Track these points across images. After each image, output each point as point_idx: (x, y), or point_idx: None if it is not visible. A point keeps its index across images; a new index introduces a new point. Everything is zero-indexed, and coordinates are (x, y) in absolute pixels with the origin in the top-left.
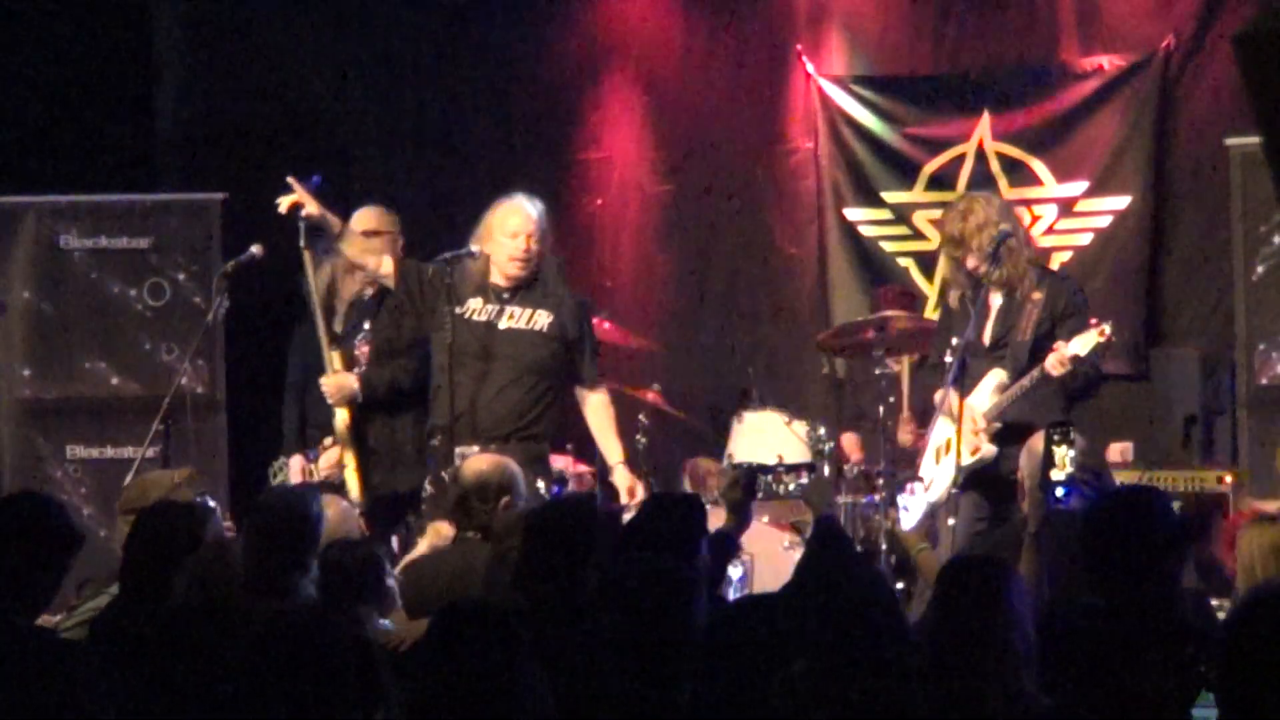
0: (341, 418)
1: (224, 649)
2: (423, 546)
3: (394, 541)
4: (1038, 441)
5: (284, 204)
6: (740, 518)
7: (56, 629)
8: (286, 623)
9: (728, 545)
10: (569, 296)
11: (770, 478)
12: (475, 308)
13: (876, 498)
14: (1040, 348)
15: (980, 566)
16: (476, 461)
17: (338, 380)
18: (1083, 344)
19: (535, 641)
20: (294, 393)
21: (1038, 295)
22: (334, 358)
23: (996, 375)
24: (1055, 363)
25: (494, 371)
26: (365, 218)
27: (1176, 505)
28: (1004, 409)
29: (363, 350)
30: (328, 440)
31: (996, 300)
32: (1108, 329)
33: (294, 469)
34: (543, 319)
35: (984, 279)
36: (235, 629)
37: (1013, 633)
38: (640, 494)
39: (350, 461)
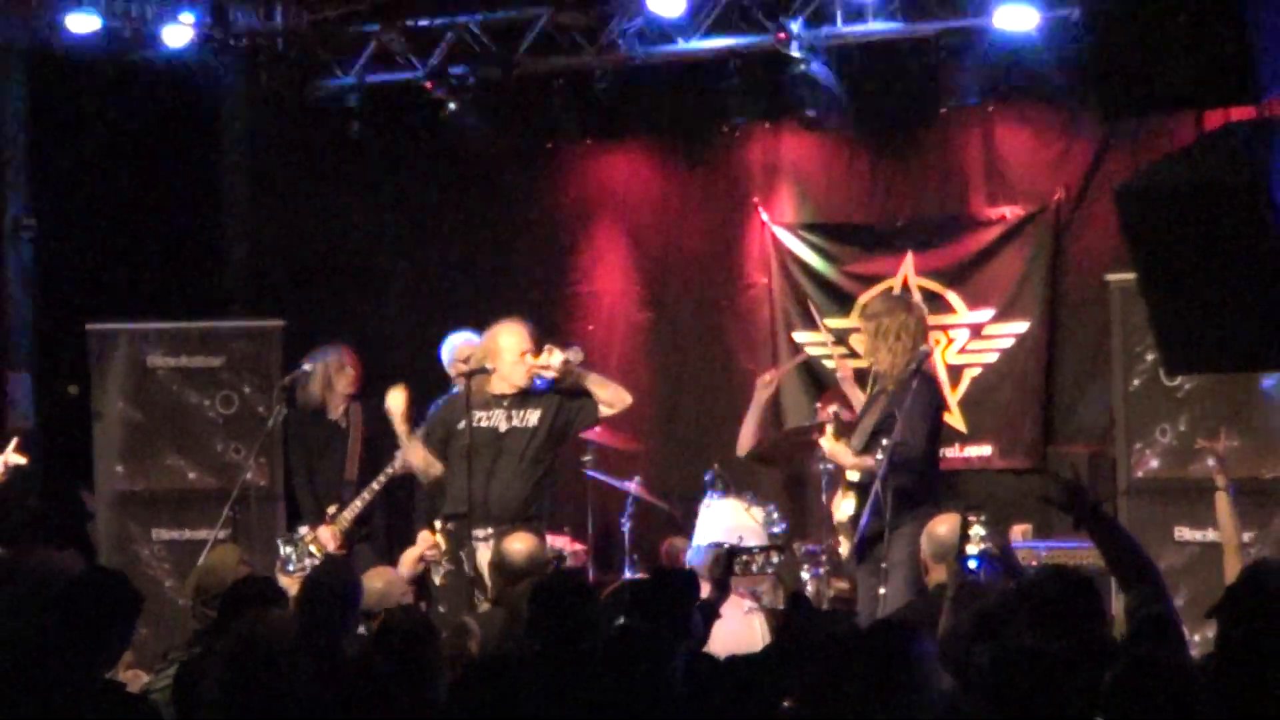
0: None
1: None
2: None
3: None
4: (935, 525)
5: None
6: (722, 590)
7: (148, 690)
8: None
9: (710, 613)
10: (550, 392)
11: (746, 557)
12: (483, 416)
13: (821, 570)
14: (878, 434)
15: (896, 630)
16: (522, 544)
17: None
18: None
19: (543, 695)
20: (301, 477)
21: (892, 387)
22: (343, 518)
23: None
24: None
25: (501, 467)
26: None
27: None
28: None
29: (354, 508)
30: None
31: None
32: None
33: (325, 538)
34: (534, 416)
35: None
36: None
37: (928, 689)
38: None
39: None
